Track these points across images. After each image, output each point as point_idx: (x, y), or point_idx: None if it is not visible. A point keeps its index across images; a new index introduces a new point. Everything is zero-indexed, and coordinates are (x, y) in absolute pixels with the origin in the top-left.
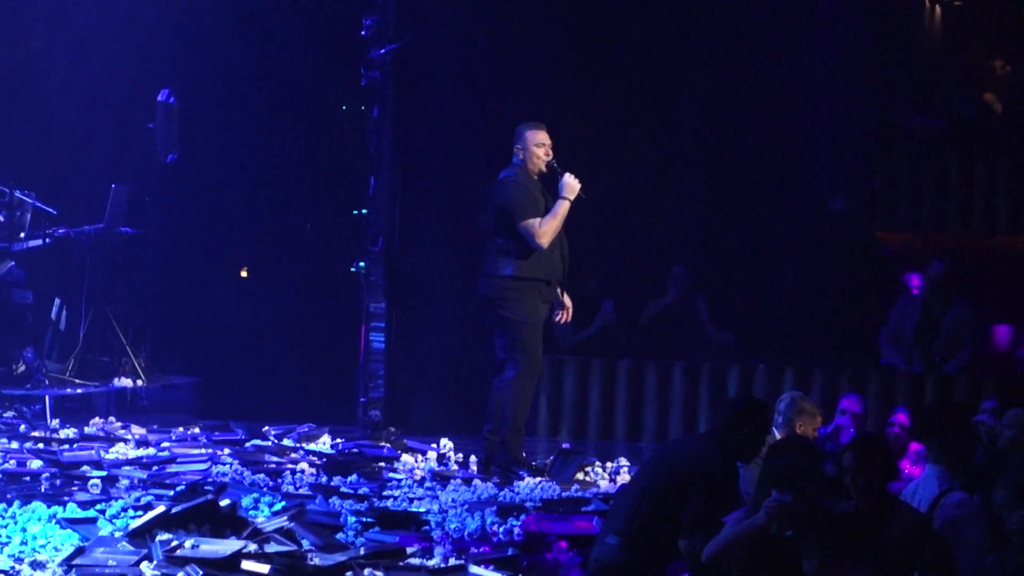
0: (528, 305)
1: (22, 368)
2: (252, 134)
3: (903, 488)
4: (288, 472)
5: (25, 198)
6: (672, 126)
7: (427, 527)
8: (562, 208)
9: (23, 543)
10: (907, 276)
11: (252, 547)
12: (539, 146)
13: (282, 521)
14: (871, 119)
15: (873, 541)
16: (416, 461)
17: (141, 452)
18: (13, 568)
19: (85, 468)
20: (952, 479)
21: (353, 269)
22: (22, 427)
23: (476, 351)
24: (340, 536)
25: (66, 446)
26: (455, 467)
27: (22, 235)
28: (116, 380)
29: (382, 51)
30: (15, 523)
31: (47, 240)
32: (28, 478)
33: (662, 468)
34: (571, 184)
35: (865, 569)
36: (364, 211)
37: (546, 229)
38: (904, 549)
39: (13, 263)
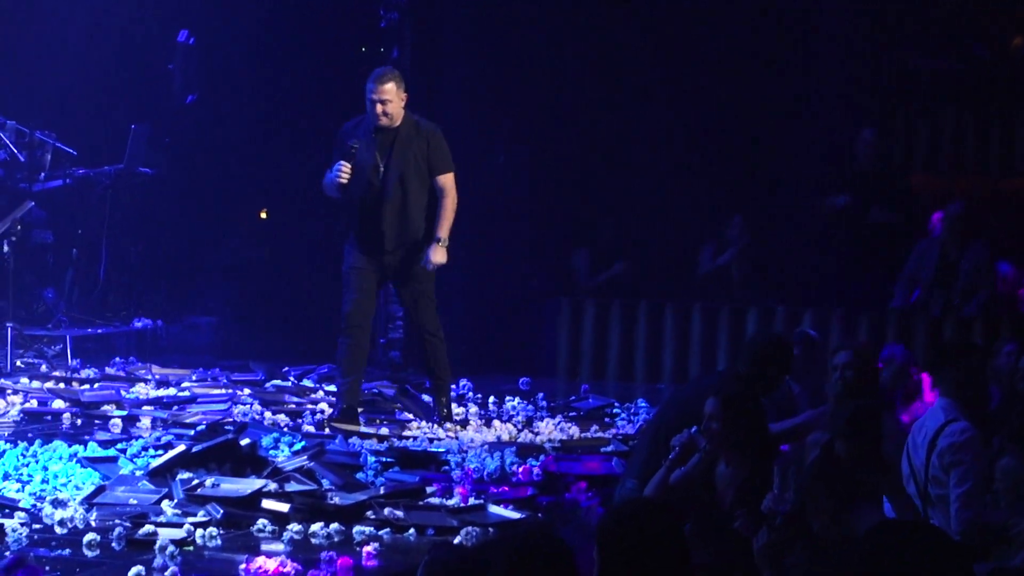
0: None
1: (43, 308)
2: (271, 75)
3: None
4: (308, 412)
5: (45, 139)
6: (692, 79)
7: (447, 467)
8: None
9: (44, 482)
10: (934, 216)
11: (272, 486)
12: (370, 101)
13: (302, 461)
14: (888, 63)
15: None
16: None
17: (161, 392)
18: (35, 506)
19: (106, 408)
20: (958, 411)
21: None
22: (43, 367)
23: (495, 292)
24: (360, 476)
25: (87, 386)
26: (474, 407)
27: (42, 175)
28: (136, 320)
29: None
30: (36, 462)
31: (67, 181)
32: (49, 417)
33: (676, 409)
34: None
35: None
36: None
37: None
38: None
39: (33, 203)
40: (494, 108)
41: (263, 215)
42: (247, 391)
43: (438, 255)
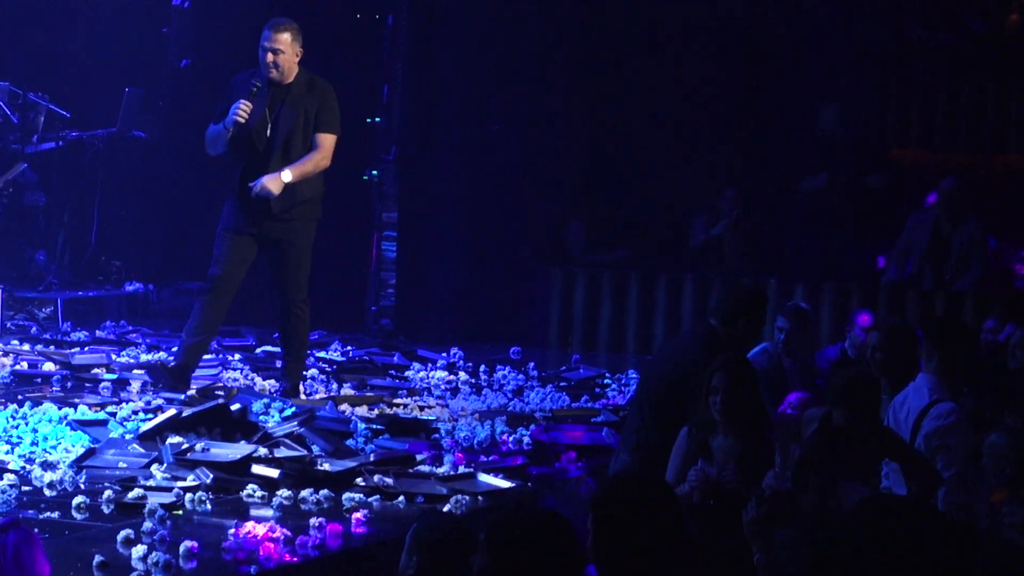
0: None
1: (34, 270)
2: None
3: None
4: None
5: (39, 100)
6: (687, 51)
7: (437, 435)
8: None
9: (34, 444)
10: (929, 194)
11: (262, 451)
12: (262, 49)
13: (292, 427)
14: (884, 36)
15: (863, 457)
16: (426, 369)
17: (152, 356)
18: (24, 468)
19: (96, 371)
20: (942, 390)
21: (365, 177)
22: (33, 329)
23: (487, 261)
24: (350, 443)
25: (77, 349)
26: (464, 375)
27: (35, 137)
28: (128, 284)
29: None
30: (26, 424)
31: (60, 143)
32: (39, 380)
33: (652, 379)
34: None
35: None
36: (377, 120)
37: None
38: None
39: (26, 165)
40: (490, 76)
41: None
42: (238, 356)
43: (273, 183)
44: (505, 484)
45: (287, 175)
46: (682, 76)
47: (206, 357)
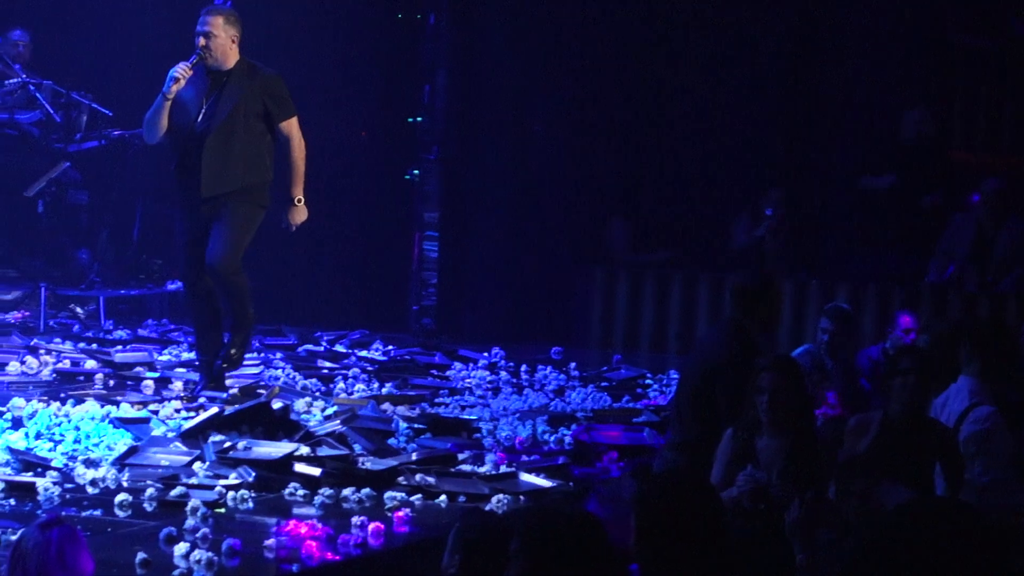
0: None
1: (77, 269)
2: (308, 39)
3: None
4: (340, 378)
5: (82, 99)
6: (734, 51)
7: (478, 434)
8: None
9: (76, 442)
10: (973, 195)
11: (304, 450)
12: (195, 34)
13: (334, 425)
14: (927, 39)
15: (906, 456)
16: (468, 369)
17: (193, 355)
18: (67, 466)
19: (138, 369)
20: (983, 393)
21: (407, 177)
22: (75, 328)
23: (529, 261)
24: (391, 442)
25: (119, 347)
26: (505, 375)
27: (78, 136)
28: (169, 282)
29: None
30: (69, 422)
31: (103, 142)
32: (82, 378)
33: (687, 375)
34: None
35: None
36: (419, 119)
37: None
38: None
39: (69, 164)
40: (533, 74)
41: None
42: (279, 355)
43: (296, 215)
44: (547, 484)
45: (298, 196)
46: (727, 74)
47: (247, 355)
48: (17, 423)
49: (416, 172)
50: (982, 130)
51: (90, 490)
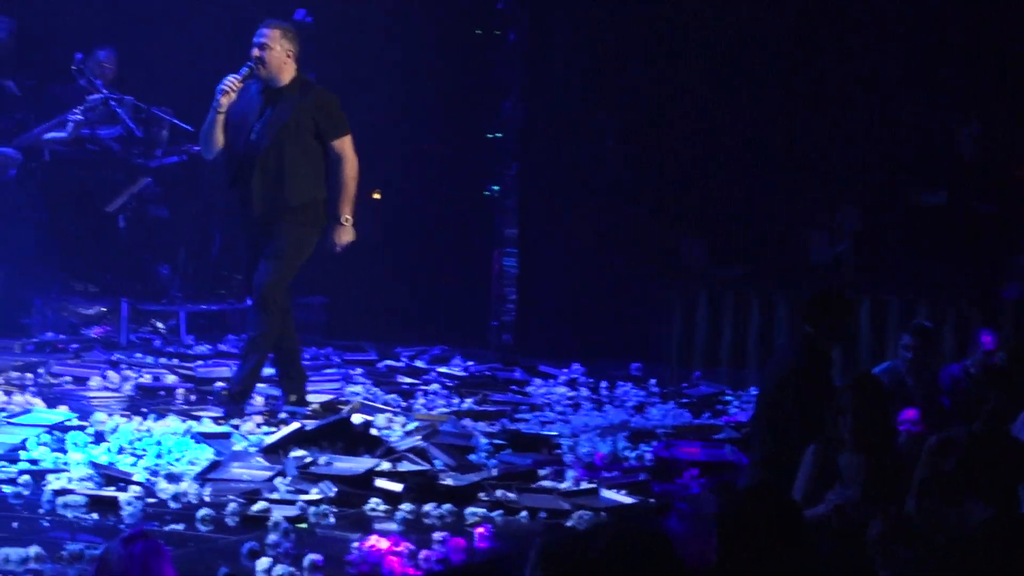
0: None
1: (157, 284)
2: (386, 55)
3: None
4: (420, 393)
5: (163, 115)
6: (806, 68)
7: (558, 450)
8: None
9: (158, 456)
10: None
11: (385, 466)
12: (252, 46)
13: (415, 441)
14: (988, 52)
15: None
16: (547, 385)
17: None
18: (149, 480)
19: (219, 384)
20: None
21: (486, 193)
22: (156, 343)
23: (607, 277)
24: (472, 457)
25: (200, 362)
26: (585, 391)
27: (159, 152)
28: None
29: None
30: (150, 436)
31: (183, 157)
32: (163, 393)
33: (764, 390)
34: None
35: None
36: (498, 135)
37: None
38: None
39: (150, 179)
40: (607, 91)
41: (376, 196)
42: (359, 370)
43: (343, 236)
44: (627, 500)
45: (346, 215)
46: (801, 92)
47: (328, 371)
48: (99, 438)
49: (496, 188)
50: None
51: (172, 505)
